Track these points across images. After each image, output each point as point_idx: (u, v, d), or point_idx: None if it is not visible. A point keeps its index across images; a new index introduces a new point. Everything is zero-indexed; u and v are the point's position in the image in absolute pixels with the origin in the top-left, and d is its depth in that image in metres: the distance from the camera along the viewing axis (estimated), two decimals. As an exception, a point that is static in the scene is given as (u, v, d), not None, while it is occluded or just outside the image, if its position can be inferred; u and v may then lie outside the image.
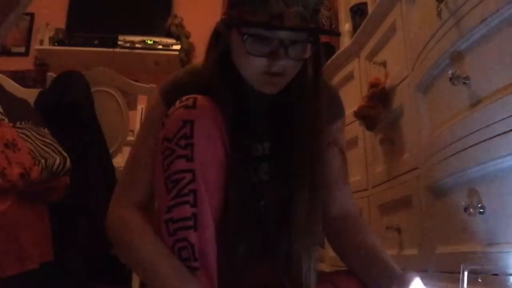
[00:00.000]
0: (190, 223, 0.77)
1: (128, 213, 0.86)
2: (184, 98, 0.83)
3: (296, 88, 0.89)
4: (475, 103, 1.01)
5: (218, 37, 0.91)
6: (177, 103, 0.83)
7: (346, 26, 2.42)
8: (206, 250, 0.78)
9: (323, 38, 2.95)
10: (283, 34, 0.81)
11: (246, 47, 0.81)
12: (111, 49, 3.39)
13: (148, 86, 2.02)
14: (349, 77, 2.01)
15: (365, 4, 2.15)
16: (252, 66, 0.84)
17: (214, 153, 0.81)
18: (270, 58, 0.82)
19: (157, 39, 3.45)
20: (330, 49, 2.79)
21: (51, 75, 1.85)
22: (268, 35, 0.81)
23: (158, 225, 0.80)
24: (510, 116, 0.89)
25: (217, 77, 0.89)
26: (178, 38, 3.49)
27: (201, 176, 0.78)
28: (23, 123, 1.38)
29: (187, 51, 3.50)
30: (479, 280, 0.94)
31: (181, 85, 0.91)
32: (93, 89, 1.79)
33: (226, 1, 0.88)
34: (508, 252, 0.89)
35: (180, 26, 3.57)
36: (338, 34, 1.37)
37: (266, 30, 0.80)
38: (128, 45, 3.41)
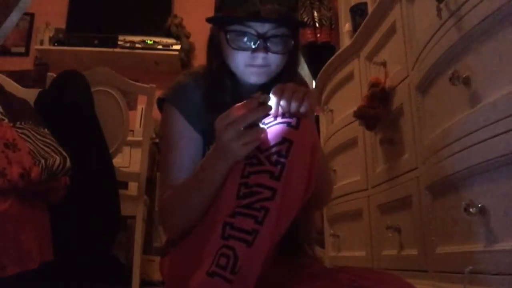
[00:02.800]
0: (248, 237, 0.75)
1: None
2: (288, 115, 0.82)
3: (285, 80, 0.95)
4: (475, 103, 1.01)
5: (213, 41, 1.02)
6: (279, 117, 0.82)
7: (346, 26, 2.42)
8: (251, 268, 0.75)
9: (323, 38, 2.96)
10: (261, 29, 0.92)
11: (229, 42, 0.94)
12: (111, 49, 3.39)
13: (148, 86, 2.02)
14: (349, 77, 2.00)
15: (365, 4, 2.15)
16: (237, 60, 0.96)
17: (301, 176, 0.80)
18: (252, 52, 0.94)
19: (157, 39, 3.45)
20: (330, 49, 2.79)
21: (51, 75, 1.85)
22: (247, 31, 0.93)
23: (211, 219, 0.81)
24: (510, 115, 0.89)
25: (219, 79, 1.00)
26: (178, 38, 3.49)
27: (282, 196, 0.77)
28: (23, 123, 1.38)
29: (187, 51, 3.50)
30: (479, 280, 0.95)
31: (185, 90, 1.01)
32: (93, 89, 1.79)
33: (214, 5, 1.01)
34: (508, 252, 0.89)
35: (180, 26, 3.57)
36: (304, 24, 1.47)
37: (245, 27, 0.92)
38: (128, 45, 3.42)
